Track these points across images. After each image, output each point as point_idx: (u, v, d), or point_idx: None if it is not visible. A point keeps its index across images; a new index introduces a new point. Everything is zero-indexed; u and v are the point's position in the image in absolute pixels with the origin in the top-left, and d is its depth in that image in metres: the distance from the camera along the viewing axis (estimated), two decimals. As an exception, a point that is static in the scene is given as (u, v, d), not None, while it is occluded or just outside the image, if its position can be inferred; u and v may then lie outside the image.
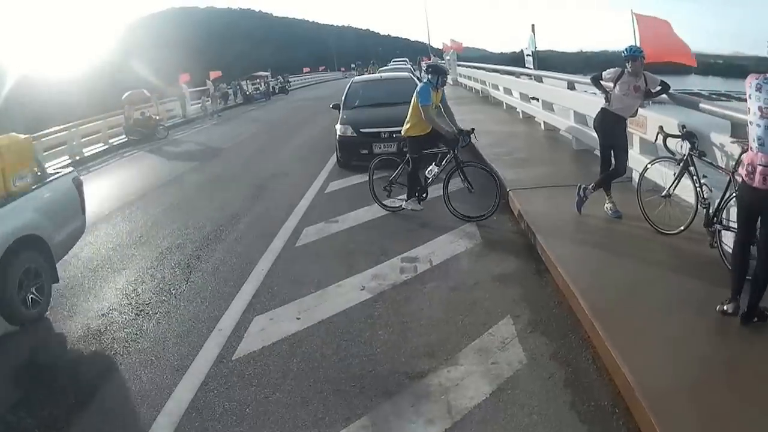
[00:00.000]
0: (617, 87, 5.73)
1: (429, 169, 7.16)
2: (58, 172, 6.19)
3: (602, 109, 5.95)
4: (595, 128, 6.21)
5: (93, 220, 8.74)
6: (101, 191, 11.59)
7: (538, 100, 12.41)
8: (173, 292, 5.57)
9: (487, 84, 18.88)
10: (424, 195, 7.20)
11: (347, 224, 7.20)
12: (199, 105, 25.79)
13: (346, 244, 6.53)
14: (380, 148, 9.72)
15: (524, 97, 13.91)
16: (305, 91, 42.79)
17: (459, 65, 27.19)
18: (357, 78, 12.91)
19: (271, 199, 8.99)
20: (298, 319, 4.71)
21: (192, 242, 7.07)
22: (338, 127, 10.37)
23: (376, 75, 14.81)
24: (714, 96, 22.77)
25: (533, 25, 15.17)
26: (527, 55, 14.81)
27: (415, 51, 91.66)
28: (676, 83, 11.74)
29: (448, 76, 7.22)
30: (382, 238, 6.56)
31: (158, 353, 4.41)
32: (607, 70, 5.86)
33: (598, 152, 8.82)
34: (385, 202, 7.52)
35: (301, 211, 7.93)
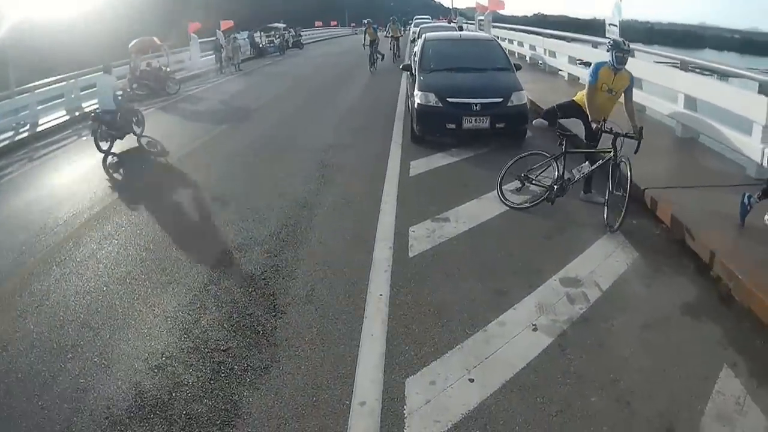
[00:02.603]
0: None
1: (580, 166, 6.16)
2: None
3: None
4: None
5: (109, 202, 7.23)
6: (116, 158, 9.98)
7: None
8: (260, 331, 4.10)
9: (540, 50, 18.61)
10: (562, 194, 6.18)
11: (464, 224, 5.83)
12: (217, 56, 24.48)
13: (476, 255, 5.19)
14: (471, 122, 8.57)
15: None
16: (320, 47, 41.02)
17: (494, 26, 25.86)
18: (430, 35, 11.38)
19: (342, 182, 7.51)
20: (471, 381, 3.44)
21: (258, 243, 5.61)
22: (417, 93, 8.98)
23: (454, 34, 13.51)
24: None
25: None
26: (610, 24, 13.20)
27: (429, 9, 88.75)
28: (689, 57, 10.49)
29: (624, 53, 5.95)
30: (520, 247, 5.36)
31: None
32: None
33: (704, 141, 8.27)
34: (507, 196, 6.41)
35: (391, 202, 6.51)
